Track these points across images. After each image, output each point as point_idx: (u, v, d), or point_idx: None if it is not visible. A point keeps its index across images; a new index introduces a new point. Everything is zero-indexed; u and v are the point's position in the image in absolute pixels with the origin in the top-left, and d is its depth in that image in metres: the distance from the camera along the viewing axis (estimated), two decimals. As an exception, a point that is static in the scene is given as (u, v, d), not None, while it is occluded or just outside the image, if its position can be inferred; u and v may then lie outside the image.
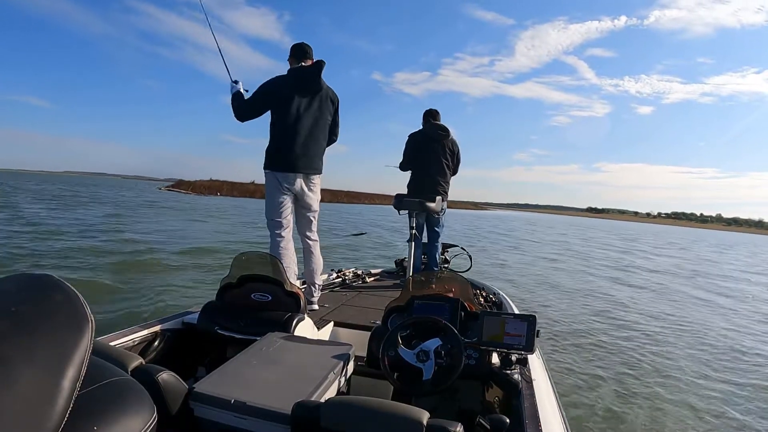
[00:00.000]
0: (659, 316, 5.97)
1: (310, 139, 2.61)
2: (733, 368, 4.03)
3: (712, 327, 5.58)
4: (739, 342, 4.97)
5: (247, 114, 2.61)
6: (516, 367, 1.41)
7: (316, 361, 1.31)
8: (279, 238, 2.60)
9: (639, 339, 4.72)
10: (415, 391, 1.37)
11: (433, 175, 3.73)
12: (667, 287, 8.77)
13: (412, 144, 3.81)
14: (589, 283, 8.35)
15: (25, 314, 0.51)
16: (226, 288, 1.82)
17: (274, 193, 2.60)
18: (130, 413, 0.59)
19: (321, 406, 0.93)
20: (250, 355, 1.31)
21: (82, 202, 20.61)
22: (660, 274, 10.86)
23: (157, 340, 1.70)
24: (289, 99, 2.53)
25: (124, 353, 1.08)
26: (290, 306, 1.74)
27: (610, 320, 5.48)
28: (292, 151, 2.56)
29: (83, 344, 0.53)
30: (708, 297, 8.02)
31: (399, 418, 0.88)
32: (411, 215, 3.50)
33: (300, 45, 2.69)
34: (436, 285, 1.81)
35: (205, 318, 1.73)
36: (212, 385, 1.10)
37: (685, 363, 4.05)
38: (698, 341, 4.83)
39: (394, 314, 1.70)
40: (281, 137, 2.57)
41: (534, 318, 1.40)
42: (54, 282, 0.57)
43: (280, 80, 2.59)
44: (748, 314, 6.73)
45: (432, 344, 1.38)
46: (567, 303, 6.33)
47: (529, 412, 1.20)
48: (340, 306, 2.75)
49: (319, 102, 2.64)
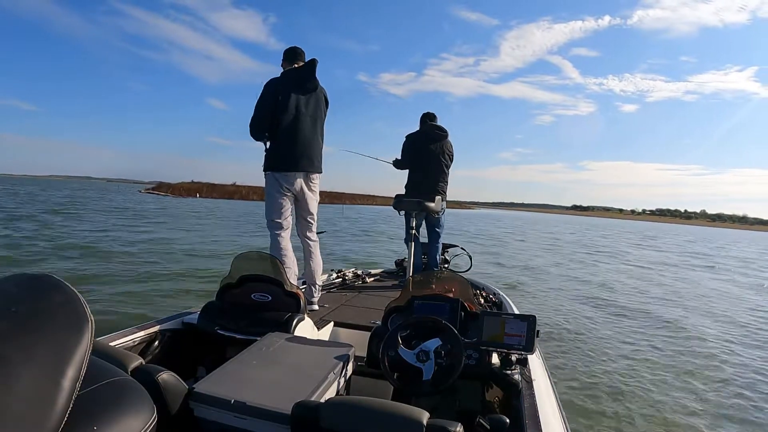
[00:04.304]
0: (659, 315, 5.96)
1: (310, 138, 2.62)
2: (734, 369, 4.02)
3: (712, 327, 5.57)
4: (741, 341, 4.97)
5: (255, 124, 2.60)
6: (516, 367, 1.41)
7: (316, 361, 1.31)
8: (279, 239, 2.60)
9: (639, 339, 4.72)
10: (415, 391, 1.37)
11: (432, 176, 3.74)
12: (667, 287, 8.76)
13: (411, 144, 3.81)
14: (589, 283, 8.35)
15: (25, 314, 0.51)
16: (226, 288, 1.82)
17: (274, 194, 2.61)
18: (130, 413, 0.59)
19: (321, 407, 0.93)
20: (250, 356, 1.31)
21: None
22: (659, 275, 10.85)
23: (157, 340, 1.70)
24: (285, 98, 2.54)
25: (124, 353, 1.07)
26: (290, 306, 1.74)
27: (611, 320, 5.48)
28: (293, 150, 2.57)
29: (83, 344, 0.53)
30: (708, 297, 8.01)
31: (399, 418, 0.88)
32: (410, 215, 3.49)
33: (292, 48, 2.71)
34: (436, 285, 1.81)
35: (205, 318, 1.73)
36: (212, 385, 1.10)
37: (686, 363, 4.05)
38: (698, 341, 4.83)
39: (394, 314, 1.70)
40: (280, 137, 2.57)
41: (534, 318, 1.40)
42: (54, 282, 0.57)
43: (274, 81, 2.60)
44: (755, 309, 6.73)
45: (432, 344, 1.38)
46: (567, 303, 6.33)
47: (529, 412, 1.20)
48: (340, 306, 2.75)
49: (315, 101, 2.66)
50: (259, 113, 2.58)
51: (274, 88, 2.56)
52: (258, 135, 2.64)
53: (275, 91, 2.55)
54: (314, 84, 2.62)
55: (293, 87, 2.57)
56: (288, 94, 2.54)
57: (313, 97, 2.64)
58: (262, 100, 2.57)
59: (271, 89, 2.56)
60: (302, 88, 2.59)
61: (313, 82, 2.62)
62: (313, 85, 2.62)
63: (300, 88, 2.59)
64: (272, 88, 2.56)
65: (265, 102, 2.56)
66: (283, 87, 2.56)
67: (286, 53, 2.70)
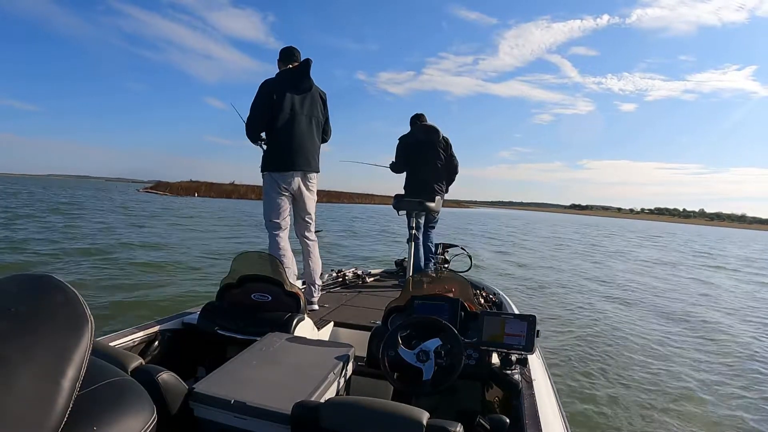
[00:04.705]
0: (660, 315, 5.97)
1: (306, 137, 2.64)
2: (736, 366, 4.03)
3: (713, 326, 5.57)
4: (743, 339, 4.96)
5: (251, 124, 2.60)
6: (516, 367, 1.41)
7: (316, 361, 1.31)
8: (278, 239, 2.61)
9: (640, 338, 4.72)
10: (415, 391, 1.37)
11: (427, 176, 3.78)
12: (668, 286, 8.76)
13: (403, 147, 3.87)
14: (590, 283, 8.35)
15: (25, 315, 0.51)
16: (226, 288, 1.82)
17: (272, 195, 2.62)
18: (129, 413, 0.59)
19: (321, 407, 0.93)
20: (250, 356, 1.31)
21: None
22: (659, 273, 10.86)
23: (156, 340, 1.70)
24: (280, 98, 2.55)
25: (124, 353, 1.07)
26: (290, 306, 1.74)
27: (611, 320, 5.48)
28: (289, 149, 2.58)
29: (83, 344, 0.53)
30: (709, 295, 8.01)
31: (399, 418, 0.88)
32: (410, 216, 3.50)
33: (288, 48, 2.72)
34: (436, 285, 1.81)
35: (205, 318, 1.73)
36: (212, 385, 1.10)
37: (687, 362, 4.05)
38: (699, 341, 4.83)
39: (394, 314, 1.70)
40: (277, 137, 2.58)
41: (534, 318, 1.40)
42: (54, 282, 0.57)
43: (269, 82, 2.61)
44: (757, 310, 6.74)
45: (432, 344, 1.38)
46: (567, 303, 6.33)
47: (529, 412, 1.20)
48: (340, 306, 2.76)
49: (311, 100, 2.67)
50: (254, 113, 2.59)
51: (268, 88, 2.57)
52: (254, 136, 2.64)
53: (270, 92, 2.56)
54: (309, 84, 2.64)
55: (288, 87, 2.58)
56: (283, 94, 2.55)
57: (309, 96, 2.66)
58: (257, 101, 2.57)
59: (266, 90, 2.57)
60: (297, 88, 2.61)
61: (308, 82, 2.63)
62: (307, 84, 2.64)
63: (295, 88, 2.60)
64: (267, 89, 2.57)
65: (260, 102, 2.57)
66: (278, 87, 2.57)
67: (281, 53, 2.72)
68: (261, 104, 2.57)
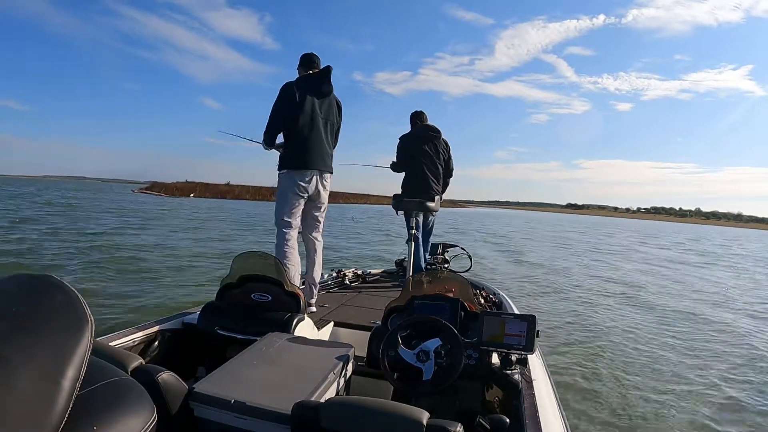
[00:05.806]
0: (660, 315, 5.96)
1: (324, 139, 2.68)
2: (737, 367, 4.02)
3: (715, 326, 5.57)
4: (743, 338, 4.96)
5: (272, 125, 2.63)
6: (516, 367, 1.41)
7: (316, 361, 1.31)
8: (288, 238, 2.61)
9: (640, 338, 4.71)
10: (415, 391, 1.37)
11: (428, 176, 3.77)
12: (668, 286, 8.76)
13: (404, 146, 3.85)
14: (589, 283, 8.34)
15: (25, 315, 0.51)
16: (226, 288, 1.82)
17: (288, 194, 2.62)
18: (129, 413, 0.59)
19: (321, 407, 0.93)
20: (250, 356, 1.31)
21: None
22: (660, 272, 10.85)
23: (157, 340, 1.70)
24: (302, 100, 2.58)
25: (124, 353, 1.07)
26: (290, 306, 1.74)
27: (611, 320, 5.47)
28: (309, 149, 2.61)
29: (83, 344, 0.53)
30: (710, 294, 8.00)
31: (399, 418, 0.88)
32: (410, 215, 3.50)
33: (308, 55, 2.77)
34: (436, 285, 1.81)
35: (205, 318, 1.73)
36: (212, 385, 1.10)
37: (687, 362, 4.05)
38: (700, 340, 4.83)
39: (394, 314, 1.70)
40: (297, 137, 2.60)
41: (534, 318, 1.40)
42: (54, 283, 0.57)
43: (291, 84, 2.63)
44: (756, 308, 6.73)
45: (432, 344, 1.38)
46: (567, 303, 6.33)
47: (529, 412, 1.20)
48: (340, 306, 2.75)
49: (328, 105, 2.71)
50: (275, 114, 2.61)
51: (292, 89, 2.60)
52: (272, 137, 2.66)
53: (293, 93, 2.58)
54: (329, 89, 2.69)
55: (309, 90, 2.62)
56: (304, 96, 2.59)
57: (327, 101, 2.70)
58: (280, 101, 2.60)
59: (290, 91, 2.60)
60: (317, 92, 2.65)
61: (328, 87, 2.68)
62: (328, 89, 2.68)
63: (316, 91, 2.64)
64: (290, 90, 2.60)
65: (282, 103, 2.59)
66: (300, 89, 2.59)
67: (302, 59, 2.76)
68: (283, 105, 2.60)
